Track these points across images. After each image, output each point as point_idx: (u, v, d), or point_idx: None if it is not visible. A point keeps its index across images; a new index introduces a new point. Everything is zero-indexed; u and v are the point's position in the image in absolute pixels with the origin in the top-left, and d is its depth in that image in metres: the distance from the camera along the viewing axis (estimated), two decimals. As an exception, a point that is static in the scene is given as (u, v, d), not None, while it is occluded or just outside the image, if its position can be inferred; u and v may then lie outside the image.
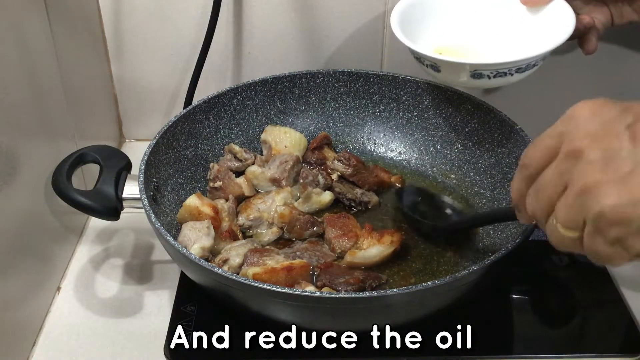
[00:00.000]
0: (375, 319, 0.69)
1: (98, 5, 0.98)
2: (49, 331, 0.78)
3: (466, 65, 0.78)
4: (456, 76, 0.81)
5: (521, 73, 0.78)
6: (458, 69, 0.79)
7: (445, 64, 0.78)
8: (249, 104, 0.96)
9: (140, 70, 1.03)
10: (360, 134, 1.00)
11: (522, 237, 0.71)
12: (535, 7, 0.83)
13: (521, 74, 0.78)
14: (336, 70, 0.97)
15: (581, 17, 0.80)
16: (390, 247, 0.80)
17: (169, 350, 0.75)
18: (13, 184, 0.72)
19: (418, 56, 0.81)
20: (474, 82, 0.79)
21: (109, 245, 0.90)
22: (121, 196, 0.77)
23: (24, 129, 0.75)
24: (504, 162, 0.88)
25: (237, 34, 1.00)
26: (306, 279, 0.76)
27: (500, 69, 0.76)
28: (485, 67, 0.76)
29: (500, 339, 0.78)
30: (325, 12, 0.98)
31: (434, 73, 0.81)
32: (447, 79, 0.83)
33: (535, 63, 0.78)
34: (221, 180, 0.88)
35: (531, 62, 0.77)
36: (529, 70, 0.78)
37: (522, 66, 0.77)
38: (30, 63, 0.78)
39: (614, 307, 0.81)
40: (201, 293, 0.77)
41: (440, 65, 0.79)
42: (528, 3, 0.83)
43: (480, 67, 0.77)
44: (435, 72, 0.80)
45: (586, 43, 0.81)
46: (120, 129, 1.10)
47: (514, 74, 0.77)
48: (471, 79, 0.78)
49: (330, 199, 0.90)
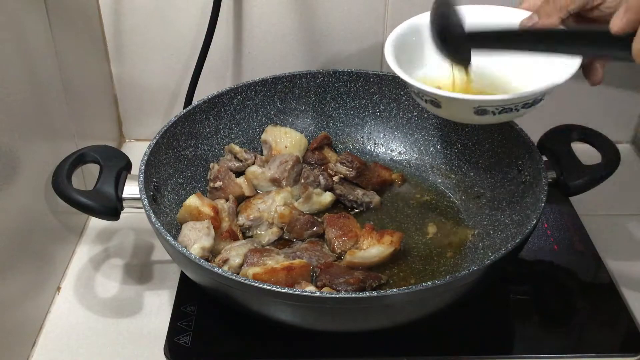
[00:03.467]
0: (375, 319, 0.70)
1: (98, 5, 0.98)
2: (49, 331, 0.78)
3: (471, 102, 0.70)
4: (459, 112, 0.74)
5: (528, 108, 0.72)
6: (462, 106, 0.72)
7: (448, 101, 0.71)
8: (249, 104, 0.96)
9: (140, 70, 1.03)
10: (360, 134, 1.00)
11: (522, 237, 0.71)
12: None
13: (527, 109, 0.72)
14: (336, 70, 0.97)
15: None
16: (390, 247, 0.80)
17: (169, 350, 0.75)
18: (13, 184, 0.72)
19: (417, 91, 0.74)
20: (477, 118, 0.72)
21: (109, 245, 0.90)
22: (121, 196, 0.77)
23: (24, 129, 0.75)
24: (504, 162, 0.88)
25: (237, 34, 1.00)
26: (306, 279, 0.76)
27: (507, 104, 0.70)
28: (490, 103, 0.70)
29: (500, 339, 0.78)
30: (325, 12, 0.98)
31: (434, 109, 0.74)
32: (448, 114, 0.76)
33: (542, 98, 0.72)
34: (221, 180, 0.88)
35: (538, 97, 0.71)
36: (535, 105, 0.72)
37: (530, 101, 0.71)
38: (30, 63, 0.78)
39: (614, 307, 0.81)
40: (201, 293, 0.77)
41: (441, 101, 0.72)
42: None
43: (486, 103, 0.70)
44: (436, 107, 0.74)
45: (592, 74, 0.76)
46: (120, 129, 1.10)
47: (520, 110, 0.71)
48: (474, 115, 0.72)
49: (331, 200, 0.90)
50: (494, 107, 0.71)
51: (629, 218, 0.96)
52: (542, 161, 0.80)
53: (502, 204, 0.86)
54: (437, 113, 0.75)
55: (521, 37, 0.70)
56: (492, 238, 0.84)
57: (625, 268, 0.87)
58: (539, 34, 0.69)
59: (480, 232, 0.86)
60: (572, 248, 0.90)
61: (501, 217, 0.85)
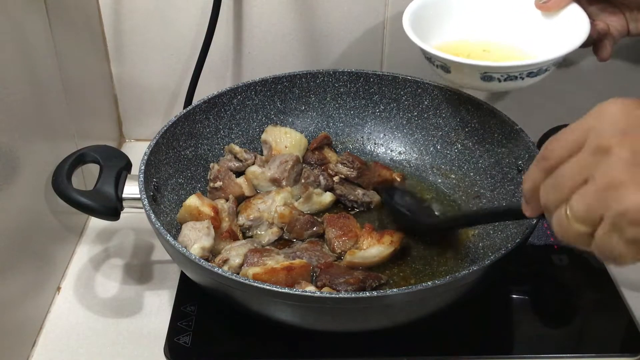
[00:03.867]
0: (375, 319, 0.70)
1: (98, 5, 0.98)
2: (49, 331, 0.78)
3: (477, 67, 0.75)
4: (466, 77, 0.79)
5: (532, 77, 0.76)
6: (468, 70, 0.77)
7: (456, 65, 0.77)
8: (249, 104, 0.96)
9: (140, 70, 1.03)
10: (360, 134, 1.00)
11: (522, 237, 0.71)
12: (549, 12, 0.81)
13: (532, 79, 0.76)
14: (336, 70, 0.97)
15: (596, 23, 0.78)
16: (390, 247, 0.80)
17: (169, 350, 0.75)
18: (13, 184, 0.72)
19: (429, 56, 0.79)
20: (483, 84, 0.77)
21: (109, 245, 0.90)
22: (121, 196, 0.77)
23: (24, 129, 0.75)
24: (504, 162, 0.88)
25: (237, 34, 1.00)
26: (306, 279, 0.76)
27: (511, 72, 0.75)
28: (496, 69, 0.75)
29: (500, 339, 0.78)
30: (325, 12, 0.98)
31: (444, 74, 0.80)
32: (457, 80, 0.81)
33: (547, 68, 0.76)
34: (221, 180, 0.88)
35: (543, 67, 0.75)
36: (540, 75, 0.76)
37: (534, 70, 0.75)
38: (30, 63, 0.78)
39: (614, 307, 0.81)
40: (201, 293, 0.77)
41: (450, 65, 0.77)
42: (542, 8, 0.82)
43: (491, 69, 0.75)
44: (445, 72, 0.79)
45: (600, 50, 0.80)
46: (120, 129, 1.10)
47: (524, 78, 0.76)
48: (481, 81, 0.76)
49: (331, 200, 0.90)
50: (499, 73, 0.75)
51: (629, 218, 0.96)
52: (542, 161, 0.80)
53: (502, 204, 0.86)
54: (447, 78, 0.80)
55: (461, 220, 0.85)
56: (492, 238, 0.84)
57: (625, 268, 0.87)
58: (487, 214, 0.81)
59: (480, 232, 0.86)
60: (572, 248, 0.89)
61: (501, 217, 0.85)
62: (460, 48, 0.84)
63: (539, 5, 0.82)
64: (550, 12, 0.81)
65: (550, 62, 0.75)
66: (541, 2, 0.81)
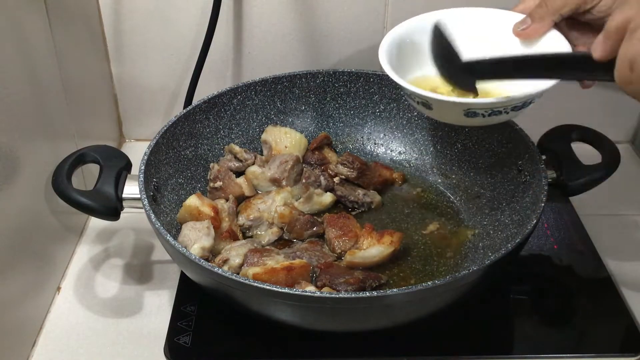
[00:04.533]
0: (375, 319, 0.70)
1: (98, 5, 0.98)
2: (49, 331, 0.78)
3: (461, 105, 0.71)
4: (449, 114, 0.75)
5: (517, 111, 0.72)
6: (452, 108, 0.72)
7: (438, 103, 0.72)
8: (249, 104, 0.96)
9: (140, 70, 1.03)
10: (360, 134, 1.00)
11: (522, 237, 0.71)
12: (528, 39, 0.76)
13: (517, 112, 0.72)
14: (336, 70, 0.97)
15: (577, 49, 0.74)
16: (390, 247, 0.80)
17: (169, 350, 0.75)
18: (13, 184, 0.72)
19: (408, 93, 0.75)
20: (467, 120, 0.73)
21: (109, 245, 0.90)
22: (121, 196, 0.77)
23: (24, 129, 0.75)
24: (504, 162, 0.88)
25: (237, 34, 1.00)
26: (306, 279, 0.76)
27: (496, 107, 0.71)
28: (480, 106, 0.71)
29: (500, 339, 0.78)
30: (325, 12, 0.98)
31: (425, 110, 0.75)
32: (439, 116, 0.77)
33: (532, 100, 0.73)
34: (221, 180, 0.88)
35: (528, 100, 0.71)
36: (525, 107, 0.72)
37: (519, 105, 0.71)
38: (30, 63, 0.78)
39: (614, 307, 0.81)
40: (201, 293, 0.77)
41: (432, 103, 0.73)
42: (521, 35, 0.76)
43: (475, 106, 0.71)
44: (427, 109, 0.75)
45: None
46: (120, 129, 1.10)
47: (509, 112, 0.72)
48: (465, 117, 0.72)
49: (331, 200, 0.90)
50: (483, 109, 0.71)
51: (629, 218, 0.96)
52: (542, 161, 0.80)
53: (502, 204, 0.86)
54: (429, 114, 0.76)
55: (513, 65, 0.71)
56: (492, 238, 0.84)
57: (625, 268, 0.87)
58: (528, 61, 0.70)
59: (480, 232, 0.86)
60: (572, 248, 0.90)
61: (501, 217, 0.85)
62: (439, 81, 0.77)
63: (517, 32, 0.76)
64: (530, 40, 0.76)
65: (536, 95, 0.72)
66: (519, 30, 0.76)
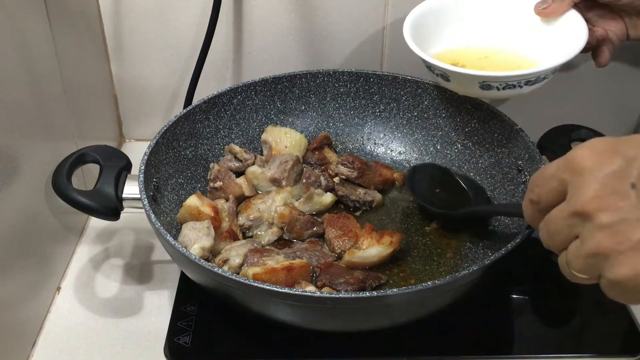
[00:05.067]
0: (375, 319, 0.70)
1: (98, 5, 0.98)
2: (49, 331, 0.78)
3: (475, 77, 0.77)
4: (465, 86, 0.82)
5: (531, 85, 0.77)
6: (467, 80, 0.79)
7: (455, 75, 0.79)
8: (249, 104, 0.96)
9: (140, 70, 1.03)
10: (360, 134, 1.00)
11: (522, 237, 0.71)
12: (548, 18, 0.82)
13: (531, 86, 0.78)
14: (336, 70, 0.97)
15: (594, 30, 0.79)
16: (390, 247, 0.80)
17: (169, 350, 0.75)
18: (13, 184, 0.72)
19: (428, 65, 0.81)
20: (483, 92, 0.79)
21: (109, 245, 0.90)
22: (121, 196, 0.77)
23: (24, 129, 0.75)
24: (504, 162, 0.88)
25: (237, 34, 1.00)
26: (306, 279, 0.76)
27: (509, 81, 0.76)
28: (494, 79, 0.76)
29: (500, 339, 0.78)
30: (325, 12, 0.98)
31: (444, 82, 0.82)
32: (456, 88, 0.85)
33: (545, 76, 0.77)
34: (221, 181, 0.88)
35: (541, 75, 0.77)
36: (539, 82, 0.78)
37: (532, 79, 0.76)
38: (30, 63, 0.78)
39: (614, 307, 0.81)
40: (201, 293, 0.77)
41: (450, 75, 0.79)
42: (541, 14, 0.82)
43: (489, 79, 0.77)
44: (445, 81, 0.81)
45: (599, 56, 0.81)
46: (120, 129, 1.10)
47: (523, 86, 0.77)
48: (480, 89, 0.78)
49: (332, 200, 0.90)
50: (497, 82, 0.76)
51: (629, 218, 0.95)
52: (542, 161, 0.80)
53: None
54: (447, 86, 0.84)
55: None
56: (492, 238, 0.84)
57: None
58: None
59: (480, 232, 0.86)
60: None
61: (501, 217, 0.85)
62: (461, 55, 0.85)
63: (538, 11, 0.82)
64: (549, 19, 0.82)
65: (549, 71, 0.76)
66: (540, 8, 0.82)
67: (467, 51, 0.87)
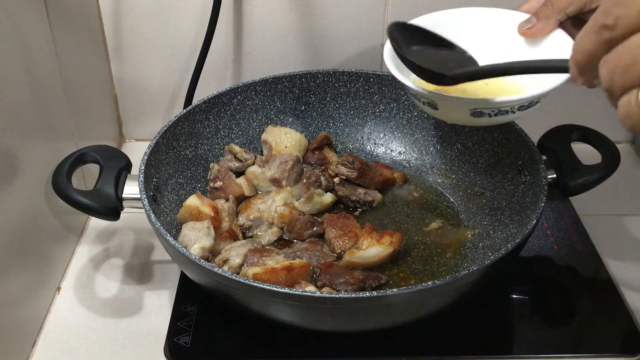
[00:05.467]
0: (375, 319, 0.70)
1: (98, 5, 0.98)
2: (49, 331, 0.78)
3: (466, 103, 0.70)
4: (455, 114, 0.74)
5: (524, 110, 0.72)
6: (457, 107, 0.72)
7: (443, 102, 0.71)
8: (249, 104, 0.96)
9: (140, 70, 1.03)
10: (360, 134, 1.00)
11: (522, 237, 0.71)
12: (533, 38, 0.76)
13: (523, 112, 0.72)
14: (336, 70, 0.97)
15: None
16: (389, 247, 0.80)
17: (169, 350, 0.75)
18: (13, 184, 0.72)
19: (414, 93, 0.73)
20: (474, 120, 0.72)
21: (109, 245, 0.90)
22: (121, 196, 0.77)
23: (24, 129, 0.75)
24: (504, 162, 0.88)
25: (237, 34, 1.00)
26: (306, 279, 0.76)
27: (502, 107, 0.70)
28: (485, 105, 0.70)
29: (500, 339, 0.78)
30: (325, 12, 0.98)
31: (432, 111, 0.74)
32: (445, 116, 0.75)
33: (537, 100, 0.72)
34: (221, 181, 0.88)
35: (534, 100, 0.71)
36: (532, 107, 0.72)
37: (525, 104, 0.70)
38: (30, 63, 0.78)
39: (614, 307, 0.81)
40: (201, 293, 0.77)
41: (437, 102, 0.72)
42: (526, 34, 0.76)
43: (481, 104, 0.70)
44: (433, 109, 0.73)
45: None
46: (120, 129, 1.10)
47: (515, 112, 0.71)
48: (471, 117, 0.71)
49: (332, 200, 0.90)
50: (489, 109, 0.70)
51: (629, 218, 0.96)
52: (542, 161, 0.80)
53: (502, 204, 0.86)
54: (435, 115, 0.75)
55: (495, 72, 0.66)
56: (492, 238, 0.84)
57: (625, 268, 0.87)
58: (508, 69, 0.65)
59: (480, 232, 0.86)
60: (572, 248, 0.90)
61: (501, 217, 0.85)
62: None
63: (522, 31, 0.76)
64: (535, 39, 0.76)
65: (541, 95, 0.71)
66: (524, 29, 0.76)
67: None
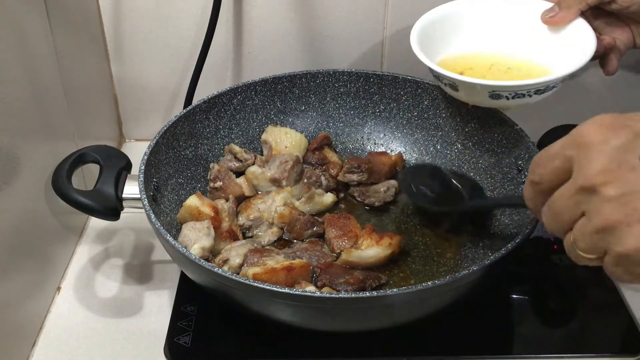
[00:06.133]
0: (375, 319, 0.70)
1: (98, 5, 0.98)
2: (49, 331, 0.78)
3: (484, 86, 0.77)
4: (474, 96, 0.81)
5: (540, 94, 0.77)
6: (476, 89, 0.78)
7: (464, 84, 0.78)
8: (249, 104, 0.96)
9: (140, 70, 1.03)
10: (360, 134, 1.00)
11: (522, 237, 0.71)
12: (555, 26, 0.81)
13: (540, 95, 0.77)
14: (336, 70, 0.97)
15: (602, 38, 0.78)
16: (388, 249, 0.80)
17: (169, 350, 0.75)
18: (13, 184, 0.72)
19: (436, 75, 0.81)
20: (492, 102, 0.79)
21: (109, 245, 0.90)
22: (121, 196, 0.77)
23: (24, 129, 0.75)
24: (504, 162, 0.88)
25: (237, 34, 1.00)
26: (306, 279, 0.76)
27: (518, 90, 0.76)
28: (503, 88, 0.76)
29: (500, 339, 0.78)
30: (325, 12, 0.98)
31: (452, 92, 0.82)
32: (465, 97, 0.83)
33: (554, 85, 0.77)
34: (221, 181, 0.88)
35: (550, 84, 0.76)
36: (548, 91, 0.77)
37: (541, 88, 0.76)
38: (30, 63, 0.78)
39: (614, 307, 0.81)
40: (201, 293, 0.77)
41: (458, 84, 0.79)
42: (549, 22, 0.82)
43: (499, 88, 0.76)
44: (454, 91, 0.81)
45: (607, 64, 0.80)
46: (120, 129, 1.10)
47: (532, 95, 0.77)
48: (490, 99, 0.78)
49: (332, 200, 0.90)
50: (507, 92, 0.76)
51: (629, 218, 0.96)
52: (542, 161, 0.80)
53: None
54: (456, 96, 0.83)
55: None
56: (492, 238, 0.84)
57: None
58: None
59: (480, 232, 0.86)
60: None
61: (501, 217, 0.85)
62: (468, 62, 0.85)
63: (545, 19, 0.82)
64: (557, 27, 0.81)
65: (558, 80, 0.76)
66: (547, 17, 0.81)
67: (475, 58, 0.86)
